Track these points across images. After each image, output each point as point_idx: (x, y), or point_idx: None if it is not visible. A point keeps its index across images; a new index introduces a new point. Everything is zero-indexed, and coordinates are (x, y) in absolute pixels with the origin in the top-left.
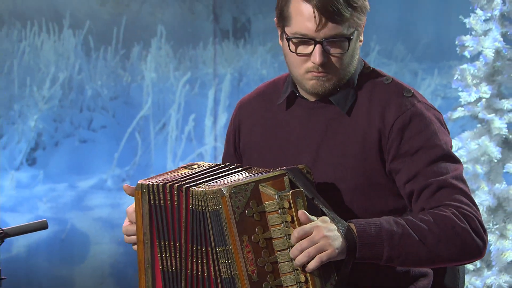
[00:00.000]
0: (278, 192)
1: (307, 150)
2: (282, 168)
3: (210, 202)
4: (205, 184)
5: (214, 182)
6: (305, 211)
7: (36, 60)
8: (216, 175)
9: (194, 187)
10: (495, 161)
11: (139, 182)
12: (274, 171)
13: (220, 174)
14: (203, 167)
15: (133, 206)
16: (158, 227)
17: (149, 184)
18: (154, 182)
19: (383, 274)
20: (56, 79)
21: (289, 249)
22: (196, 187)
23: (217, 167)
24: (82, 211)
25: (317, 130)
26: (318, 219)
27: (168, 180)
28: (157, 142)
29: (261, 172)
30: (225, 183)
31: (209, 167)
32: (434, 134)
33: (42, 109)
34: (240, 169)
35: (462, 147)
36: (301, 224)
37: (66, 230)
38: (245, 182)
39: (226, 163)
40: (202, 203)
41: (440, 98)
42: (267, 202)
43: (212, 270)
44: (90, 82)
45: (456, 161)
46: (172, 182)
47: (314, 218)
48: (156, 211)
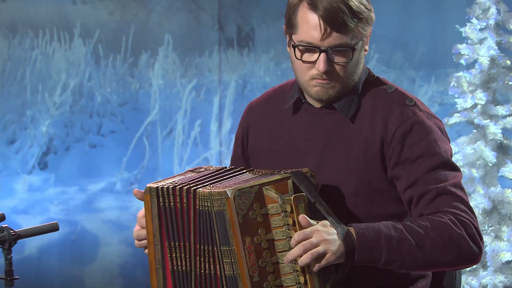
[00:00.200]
0: (281, 195)
1: (312, 155)
2: (286, 171)
3: (216, 203)
4: (210, 185)
5: (219, 184)
6: (305, 216)
7: (47, 67)
8: (222, 178)
9: (200, 189)
10: (490, 165)
11: (148, 186)
12: (278, 174)
13: (226, 176)
14: (210, 170)
15: (143, 211)
16: (167, 229)
17: (157, 187)
18: (162, 185)
19: (383, 276)
20: (67, 86)
21: (290, 250)
22: (202, 189)
23: (223, 170)
24: (92, 213)
25: (322, 135)
26: (318, 223)
27: (176, 183)
28: (164, 146)
29: (265, 174)
30: (230, 185)
31: (215, 170)
32: (434, 142)
33: (54, 115)
34: (244, 171)
35: (459, 152)
36: (302, 228)
37: (76, 232)
38: (249, 185)
39: (232, 166)
40: (208, 204)
41: (437, 105)
42: (270, 205)
43: (218, 268)
44: (100, 89)
45: (455, 169)
46: (180, 185)
47: (315, 222)
48: (165, 213)
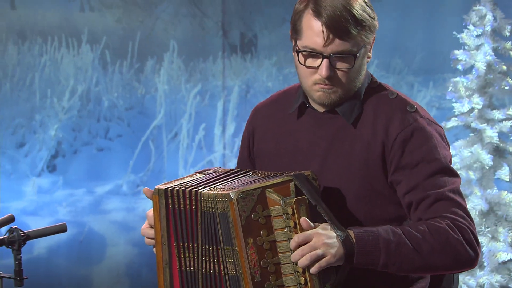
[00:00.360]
0: (283, 198)
1: (315, 158)
2: (289, 173)
3: (219, 204)
4: (215, 187)
5: (223, 185)
6: (307, 219)
7: (56, 73)
8: (227, 179)
9: (204, 190)
10: (487, 168)
11: (157, 187)
12: (281, 176)
13: (231, 178)
14: (218, 172)
15: (152, 209)
16: (175, 229)
17: (166, 188)
18: (170, 187)
19: (382, 277)
20: (75, 91)
21: (291, 251)
22: (206, 190)
23: (230, 172)
24: (99, 215)
25: (325, 139)
26: (319, 226)
27: (184, 185)
28: (169, 150)
29: (268, 176)
30: (233, 187)
31: (223, 172)
32: (434, 148)
33: (62, 119)
34: (249, 173)
35: (456, 155)
36: (303, 230)
37: (84, 233)
38: (252, 187)
39: (239, 168)
40: (212, 205)
41: (435, 109)
42: (273, 207)
43: (222, 268)
44: (107, 94)
45: (454, 175)
46: (188, 187)
47: (316, 225)
48: (173, 214)
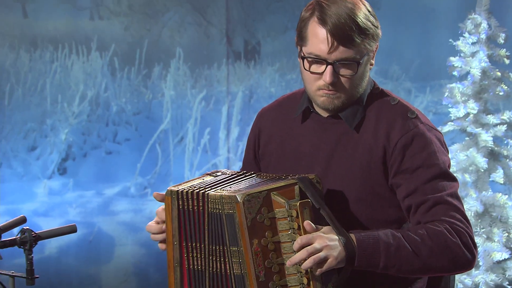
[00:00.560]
0: (288, 200)
1: (319, 162)
2: (294, 176)
3: (226, 206)
4: (222, 189)
5: (229, 187)
6: (310, 222)
7: (66, 79)
8: (234, 181)
9: (212, 192)
10: (482, 170)
11: (169, 189)
12: (286, 179)
13: (237, 180)
14: (227, 174)
15: (163, 206)
16: (185, 230)
17: (178, 190)
18: (182, 189)
19: (382, 277)
20: (84, 96)
21: (295, 252)
22: (214, 192)
23: (237, 174)
24: (108, 216)
25: (328, 143)
26: (321, 229)
27: (193, 186)
28: (175, 153)
29: (273, 178)
30: (240, 189)
31: (231, 174)
32: (433, 153)
33: (72, 123)
34: (254, 175)
35: (452, 158)
36: (306, 232)
37: (93, 233)
38: (258, 190)
39: (245, 171)
40: (219, 206)
41: (431, 114)
42: (278, 209)
43: (228, 267)
44: (115, 99)
45: (452, 179)
46: (196, 189)
47: (319, 227)
48: (184, 215)
